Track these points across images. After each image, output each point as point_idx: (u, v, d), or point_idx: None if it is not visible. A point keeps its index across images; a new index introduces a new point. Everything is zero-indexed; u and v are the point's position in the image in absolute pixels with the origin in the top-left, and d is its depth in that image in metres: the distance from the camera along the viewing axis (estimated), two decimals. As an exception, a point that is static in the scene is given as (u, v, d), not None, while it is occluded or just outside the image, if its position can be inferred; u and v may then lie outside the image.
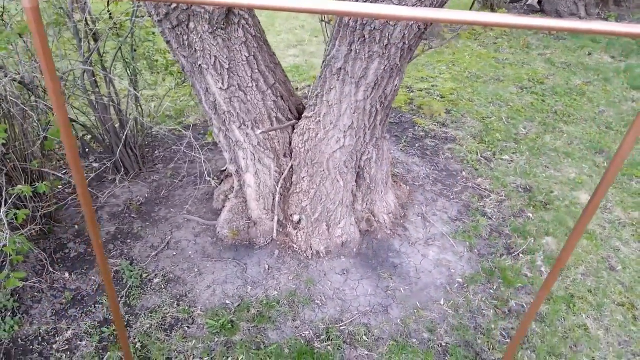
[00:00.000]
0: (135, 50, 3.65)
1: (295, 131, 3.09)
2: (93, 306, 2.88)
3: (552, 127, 4.91)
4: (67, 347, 2.67)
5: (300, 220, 3.23)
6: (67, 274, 3.03)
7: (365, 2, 2.35)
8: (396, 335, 2.77)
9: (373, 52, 2.54)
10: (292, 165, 3.19)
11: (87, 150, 4.04)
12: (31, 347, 2.66)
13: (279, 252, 3.23)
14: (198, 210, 3.61)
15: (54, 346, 2.67)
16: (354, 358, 2.66)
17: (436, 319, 2.88)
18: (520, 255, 3.38)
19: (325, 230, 3.19)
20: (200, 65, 2.68)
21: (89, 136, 3.83)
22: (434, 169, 4.20)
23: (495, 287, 3.11)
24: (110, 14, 3.45)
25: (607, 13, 7.78)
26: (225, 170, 3.78)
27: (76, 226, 3.38)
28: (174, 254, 3.24)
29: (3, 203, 2.33)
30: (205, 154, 4.22)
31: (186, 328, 2.77)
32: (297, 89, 5.60)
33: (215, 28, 2.56)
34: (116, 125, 3.65)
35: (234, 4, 1.06)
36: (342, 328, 2.80)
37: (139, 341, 2.69)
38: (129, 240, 3.33)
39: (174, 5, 2.40)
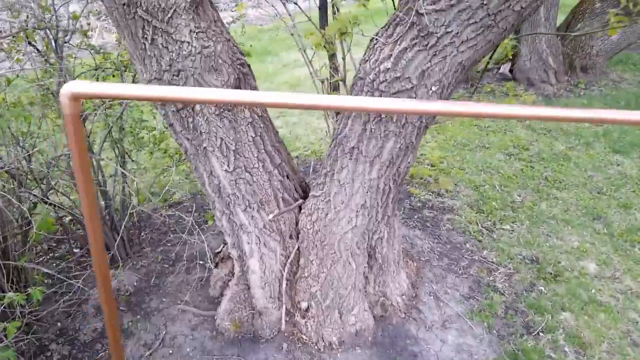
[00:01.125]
0: (123, 129, 3.46)
1: (302, 211, 2.91)
2: (80, 422, 2.51)
3: (546, 193, 4.88)
4: None
5: (308, 307, 2.98)
6: (49, 384, 2.66)
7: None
8: None
9: (389, 131, 2.44)
10: (298, 247, 2.98)
11: (67, 234, 3.73)
12: None
13: (288, 346, 2.93)
14: (193, 298, 3.31)
15: None
16: None
17: (467, 416, 2.62)
18: (540, 334, 3.19)
19: (338, 318, 2.94)
20: (205, 147, 2.51)
21: (69, 218, 3.55)
22: (437, 242, 4.05)
23: (522, 373, 2.89)
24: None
25: (576, 80, 8.09)
26: (220, 253, 3.52)
27: (59, 323, 3.02)
28: (170, 352, 2.90)
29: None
30: (199, 235, 3.96)
31: None
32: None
33: (222, 109, 2.42)
34: (101, 203, 3.40)
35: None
36: None
37: None
38: (119, 338, 2.98)
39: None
